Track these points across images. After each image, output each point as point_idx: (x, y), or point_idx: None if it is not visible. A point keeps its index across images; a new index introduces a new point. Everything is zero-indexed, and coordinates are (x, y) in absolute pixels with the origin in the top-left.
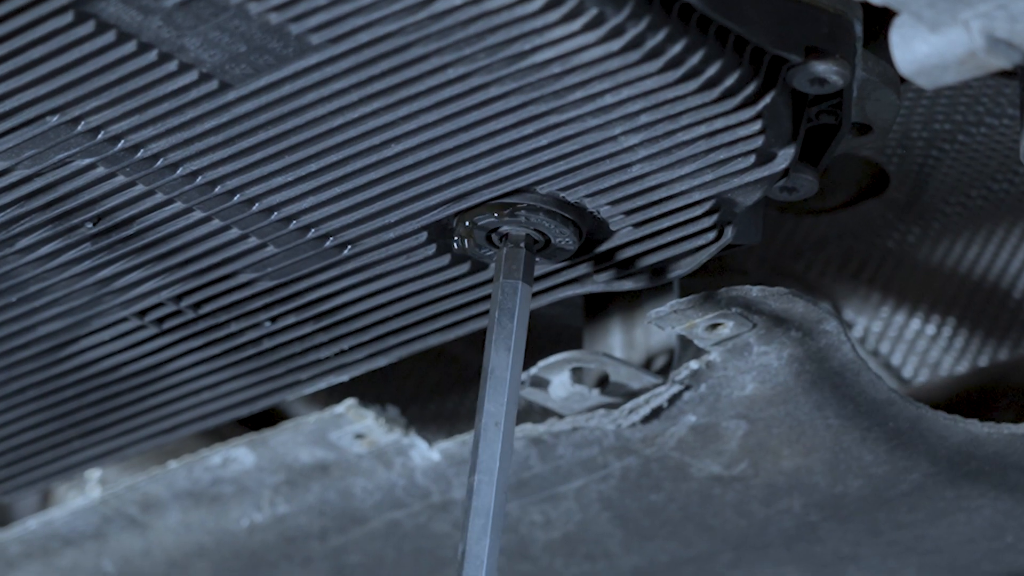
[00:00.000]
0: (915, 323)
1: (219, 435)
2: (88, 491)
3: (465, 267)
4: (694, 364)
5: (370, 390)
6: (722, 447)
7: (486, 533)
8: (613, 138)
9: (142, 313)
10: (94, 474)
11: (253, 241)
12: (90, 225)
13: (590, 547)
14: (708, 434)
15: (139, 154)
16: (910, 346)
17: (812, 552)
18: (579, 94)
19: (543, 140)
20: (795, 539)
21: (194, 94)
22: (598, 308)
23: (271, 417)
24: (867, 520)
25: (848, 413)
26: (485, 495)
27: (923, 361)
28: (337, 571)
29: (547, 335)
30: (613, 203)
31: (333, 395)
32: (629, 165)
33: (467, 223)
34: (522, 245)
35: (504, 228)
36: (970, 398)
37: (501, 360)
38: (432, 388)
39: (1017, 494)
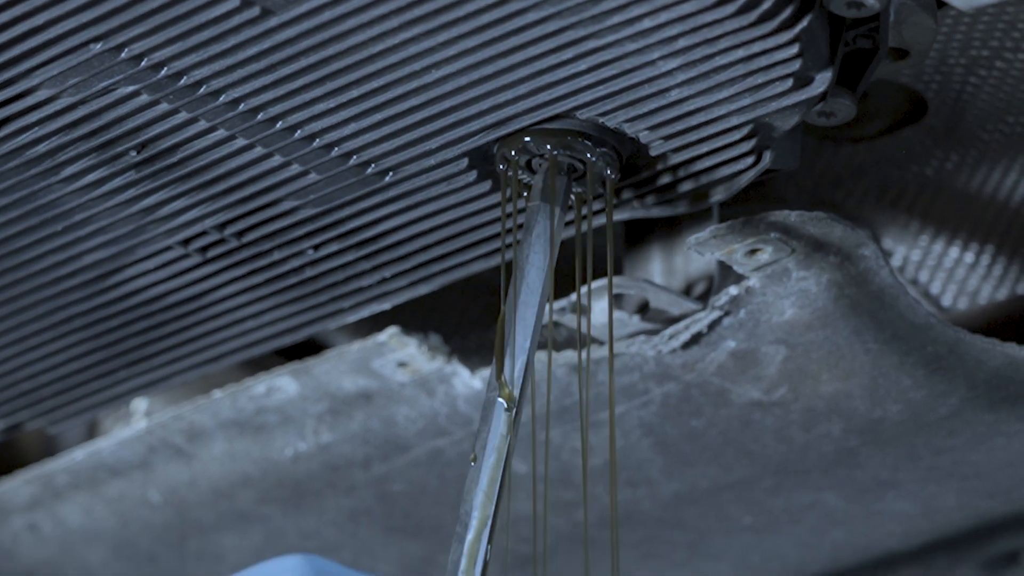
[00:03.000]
0: (954, 251)
1: (263, 366)
2: (134, 422)
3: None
4: (734, 290)
5: (413, 323)
6: (761, 372)
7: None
8: (651, 63)
9: (186, 242)
10: (140, 405)
11: (295, 168)
12: (134, 153)
13: (631, 473)
14: (748, 359)
15: (182, 81)
16: (949, 274)
17: (852, 478)
18: (617, 19)
19: (582, 65)
20: (835, 464)
21: (236, 20)
22: (638, 235)
23: (312, 349)
24: (906, 445)
25: (886, 337)
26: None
27: (962, 289)
28: (381, 499)
29: None
30: (652, 128)
31: (376, 326)
32: (667, 90)
33: (507, 149)
34: (556, 170)
35: (543, 154)
36: (1010, 325)
37: (532, 284)
38: (475, 320)
39: None
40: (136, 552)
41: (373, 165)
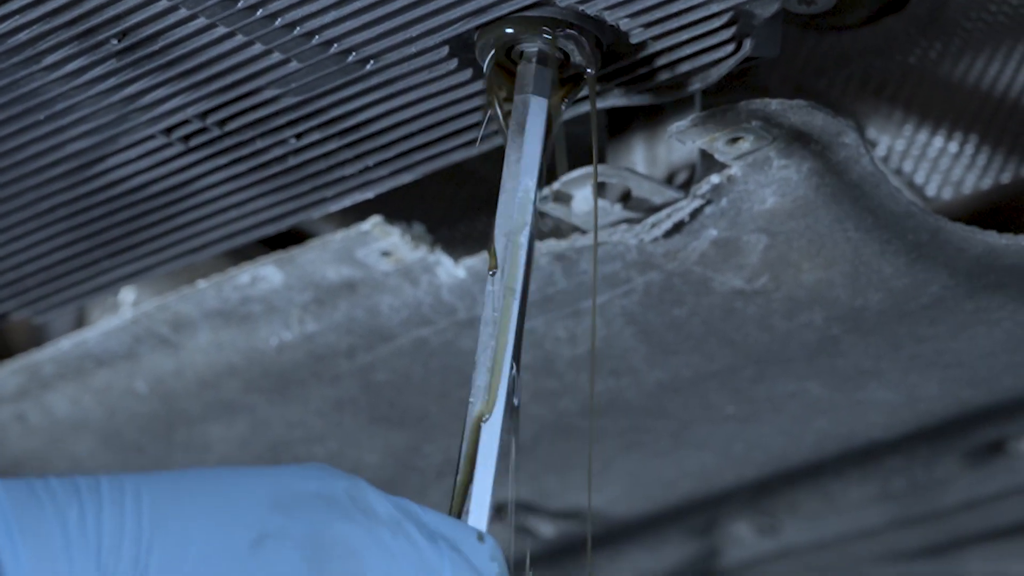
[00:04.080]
0: (938, 141)
1: (247, 256)
2: (121, 312)
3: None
4: (715, 178)
5: (399, 213)
6: (743, 261)
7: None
8: None
9: (168, 130)
10: (128, 296)
11: (276, 56)
12: (115, 41)
13: (615, 363)
14: (729, 248)
15: None
16: (933, 164)
17: (834, 366)
18: None
19: None
20: (817, 353)
21: None
22: (621, 124)
23: (296, 239)
24: (888, 334)
25: (868, 226)
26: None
27: (946, 179)
28: (365, 388)
29: (570, 153)
30: (632, 15)
31: (362, 216)
32: None
33: (487, 37)
34: (538, 60)
35: (523, 42)
36: (993, 214)
37: (517, 173)
38: (461, 210)
39: None
40: (123, 442)
41: (354, 53)
